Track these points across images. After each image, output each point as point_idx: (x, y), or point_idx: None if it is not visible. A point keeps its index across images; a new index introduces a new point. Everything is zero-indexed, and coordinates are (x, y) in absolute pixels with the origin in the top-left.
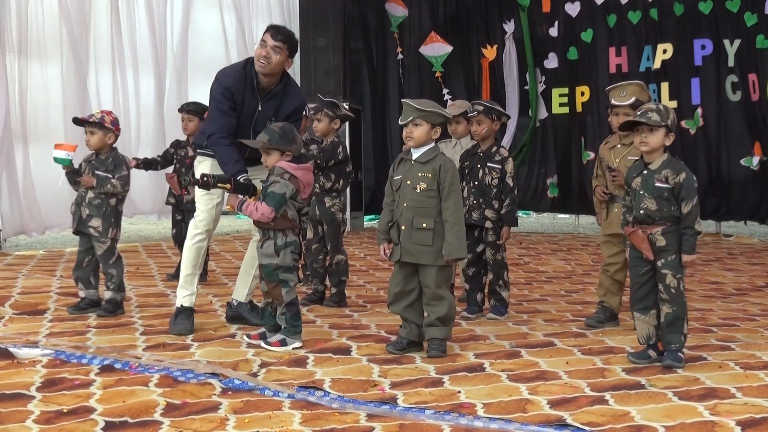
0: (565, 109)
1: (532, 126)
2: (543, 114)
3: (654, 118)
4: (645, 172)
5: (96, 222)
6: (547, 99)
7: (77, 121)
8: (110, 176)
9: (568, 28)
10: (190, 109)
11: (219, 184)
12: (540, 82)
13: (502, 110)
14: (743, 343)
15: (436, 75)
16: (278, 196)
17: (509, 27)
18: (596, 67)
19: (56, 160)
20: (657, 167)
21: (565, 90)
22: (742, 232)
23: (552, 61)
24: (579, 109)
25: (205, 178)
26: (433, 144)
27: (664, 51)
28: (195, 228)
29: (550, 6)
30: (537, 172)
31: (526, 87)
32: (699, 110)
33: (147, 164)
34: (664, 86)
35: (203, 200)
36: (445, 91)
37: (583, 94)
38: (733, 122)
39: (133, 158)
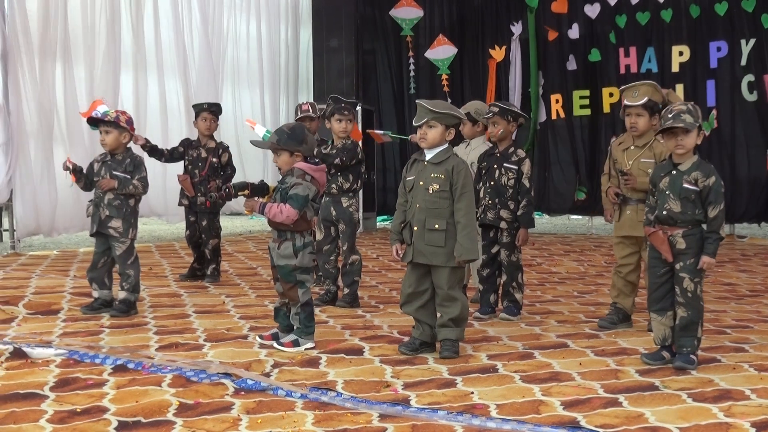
0: (587, 111)
1: (533, 129)
2: (542, 117)
3: (688, 120)
4: (674, 172)
5: (116, 223)
6: (550, 102)
7: (92, 121)
8: (129, 177)
9: (588, 30)
10: (213, 109)
11: (239, 193)
12: (540, 85)
13: (518, 111)
14: (757, 345)
15: (442, 78)
16: (302, 198)
17: (516, 29)
18: (616, 68)
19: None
20: (687, 168)
21: (587, 92)
22: (756, 234)
23: (571, 63)
24: (607, 109)
25: (227, 190)
26: (446, 145)
27: (680, 53)
28: None
29: (567, 7)
30: (557, 175)
31: (529, 89)
32: (713, 112)
33: (152, 150)
34: (679, 88)
35: None
36: (446, 93)
37: (611, 95)
38: (749, 123)
39: (146, 138)
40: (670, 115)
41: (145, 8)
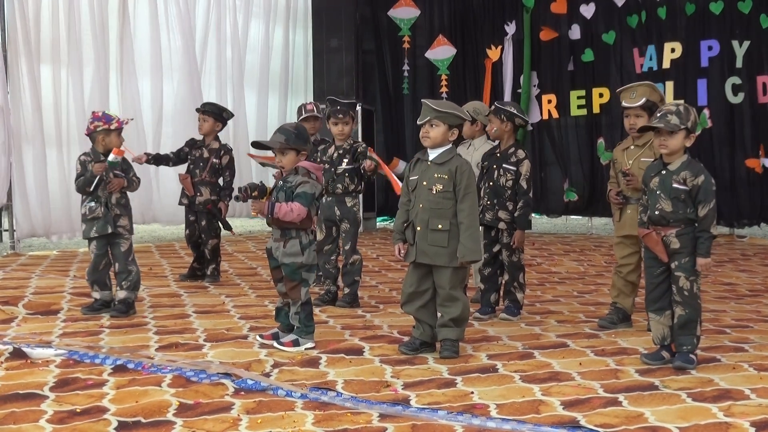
0: (583, 111)
1: (524, 129)
2: (535, 118)
3: (673, 121)
4: (663, 172)
5: (124, 221)
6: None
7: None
8: (124, 175)
9: (584, 30)
10: (206, 109)
11: (252, 194)
12: (534, 86)
13: (512, 111)
14: (757, 345)
15: (442, 78)
16: (310, 195)
17: (510, 29)
18: (617, 67)
19: (111, 162)
20: (676, 168)
21: (582, 92)
22: (756, 233)
23: (570, 64)
24: (597, 110)
25: (242, 192)
26: (450, 145)
27: (672, 50)
28: None
29: (567, 8)
30: (551, 175)
31: (519, 90)
32: (706, 111)
33: (157, 159)
34: (669, 85)
35: None
36: (444, 93)
37: (601, 95)
38: (737, 124)
39: (144, 153)
40: (658, 114)
41: (143, 11)
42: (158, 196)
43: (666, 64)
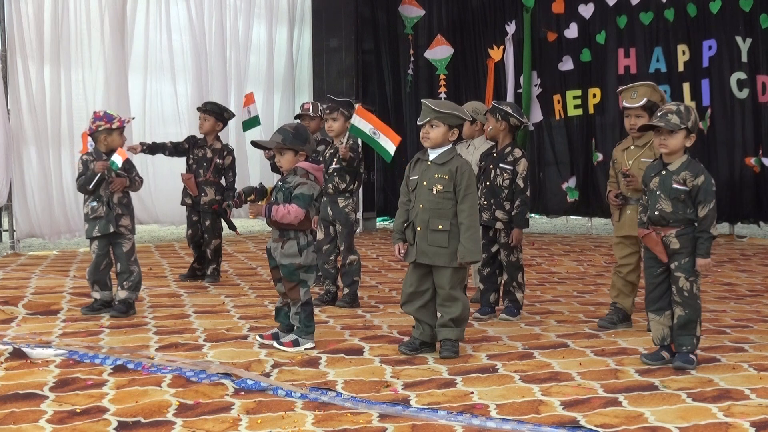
0: (579, 111)
1: (525, 129)
2: (537, 118)
3: (673, 120)
4: (663, 172)
5: (126, 221)
6: (552, 102)
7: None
8: (126, 175)
9: (582, 30)
10: (207, 108)
11: (247, 199)
12: (536, 86)
13: (508, 111)
14: (756, 345)
15: (441, 78)
16: (308, 197)
17: (510, 28)
18: (607, 68)
19: (113, 164)
20: (676, 168)
21: (579, 92)
22: (756, 234)
23: (566, 63)
24: (591, 110)
25: (238, 198)
26: (450, 145)
27: (683, 52)
28: None
29: (564, 7)
30: (553, 175)
31: (520, 90)
32: (708, 111)
33: (153, 148)
34: (686, 87)
35: None
36: (442, 93)
37: (594, 96)
38: (739, 122)
39: (140, 143)
40: (658, 114)
41: (143, 12)
42: (156, 196)
43: (681, 67)
